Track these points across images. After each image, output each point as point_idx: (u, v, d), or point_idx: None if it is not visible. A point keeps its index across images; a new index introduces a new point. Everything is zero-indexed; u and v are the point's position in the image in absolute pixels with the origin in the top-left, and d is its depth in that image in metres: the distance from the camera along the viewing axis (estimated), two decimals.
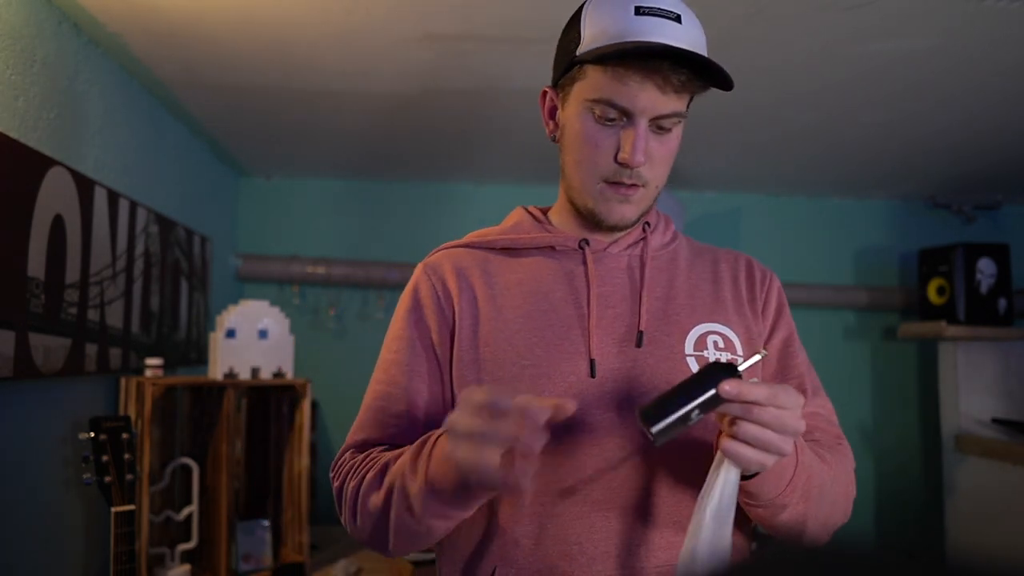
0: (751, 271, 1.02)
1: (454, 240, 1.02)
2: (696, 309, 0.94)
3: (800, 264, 3.27)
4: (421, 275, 0.97)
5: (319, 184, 3.13)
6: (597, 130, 0.87)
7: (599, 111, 0.86)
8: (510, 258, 0.96)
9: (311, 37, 1.76)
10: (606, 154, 0.87)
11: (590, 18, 0.88)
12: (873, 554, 0.29)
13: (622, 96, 0.85)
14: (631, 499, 0.85)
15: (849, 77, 1.94)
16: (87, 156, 1.74)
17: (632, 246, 0.97)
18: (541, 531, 0.85)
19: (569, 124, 0.90)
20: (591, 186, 0.90)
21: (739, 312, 0.97)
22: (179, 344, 2.37)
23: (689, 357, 0.90)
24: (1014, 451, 2.49)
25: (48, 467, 1.62)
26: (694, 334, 0.92)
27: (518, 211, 1.03)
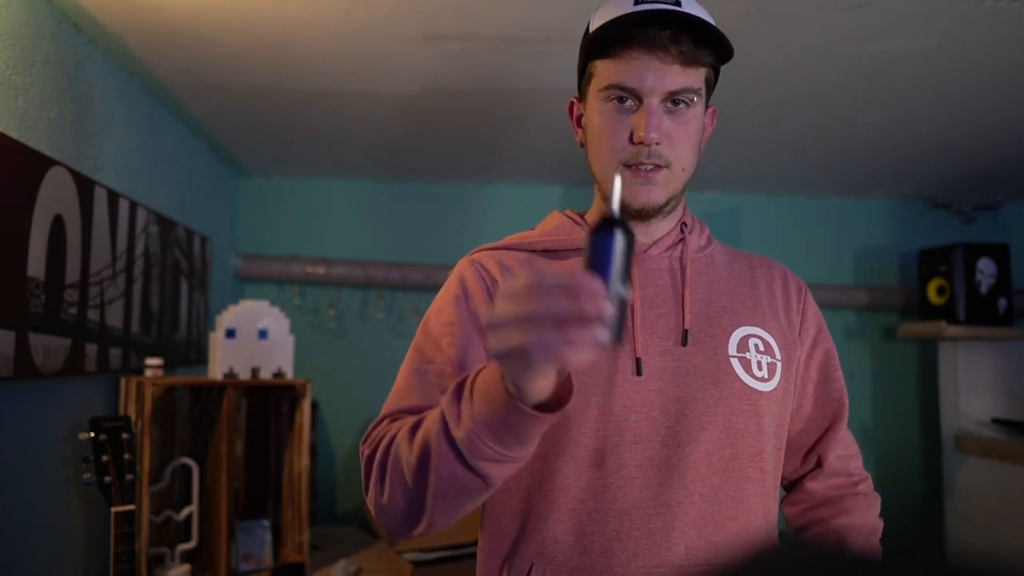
0: (786, 280, 1.05)
1: (490, 243, 1.02)
2: (737, 312, 0.95)
3: (800, 264, 3.24)
4: (467, 266, 0.96)
5: (319, 184, 3.13)
6: (611, 117, 0.89)
7: (611, 98, 0.88)
8: (551, 259, 0.97)
9: (311, 37, 1.76)
10: (622, 137, 0.88)
11: (595, 20, 0.91)
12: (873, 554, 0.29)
13: (627, 77, 0.86)
14: (672, 497, 0.85)
15: (849, 77, 1.94)
16: (87, 156, 1.74)
17: (672, 248, 0.97)
18: (580, 528, 0.85)
19: (589, 121, 0.93)
20: (612, 173, 0.89)
21: (775, 318, 0.99)
22: (179, 344, 2.37)
23: (733, 359, 0.91)
24: (1014, 451, 2.49)
25: (48, 467, 1.62)
26: (736, 335, 0.93)
27: (556, 215, 1.03)
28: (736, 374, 0.90)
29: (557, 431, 0.86)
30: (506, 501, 0.92)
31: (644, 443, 0.86)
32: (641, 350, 0.88)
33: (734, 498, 0.88)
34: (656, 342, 0.90)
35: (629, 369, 0.88)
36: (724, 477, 0.87)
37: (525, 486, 0.90)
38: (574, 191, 3.21)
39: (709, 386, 0.89)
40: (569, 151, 2.67)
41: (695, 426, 0.87)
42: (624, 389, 0.87)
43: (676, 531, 0.85)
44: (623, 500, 0.85)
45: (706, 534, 0.86)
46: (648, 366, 0.88)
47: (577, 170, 2.95)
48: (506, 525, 0.91)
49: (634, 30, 0.85)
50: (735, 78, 1.97)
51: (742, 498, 0.88)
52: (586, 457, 0.86)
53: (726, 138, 2.51)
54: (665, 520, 0.85)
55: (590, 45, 0.90)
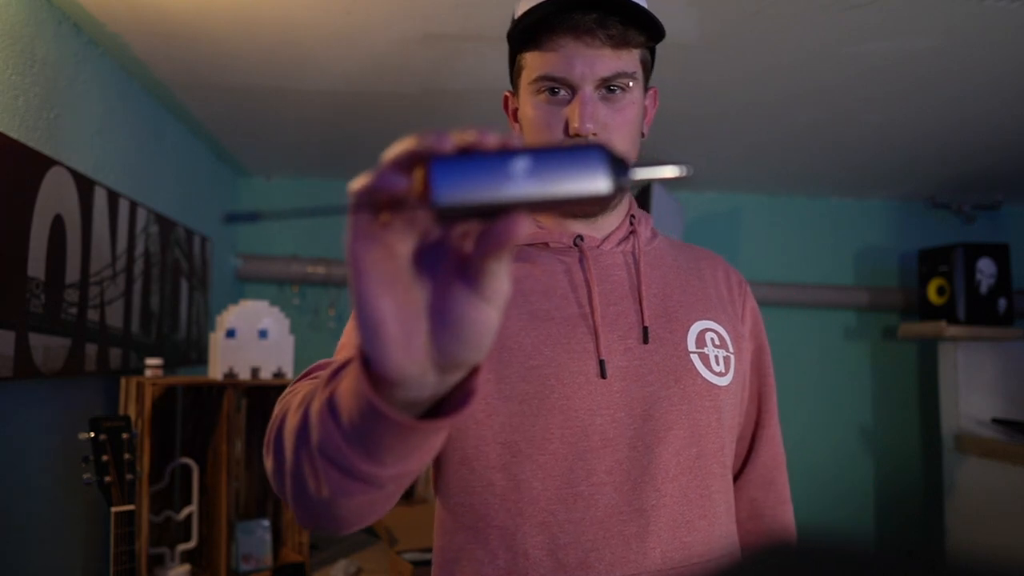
0: (728, 273, 1.02)
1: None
2: (692, 306, 0.93)
3: (800, 264, 3.27)
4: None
5: (319, 184, 3.13)
6: (546, 110, 0.85)
7: (542, 90, 0.85)
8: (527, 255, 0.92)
9: (311, 37, 1.76)
10: (557, 130, 0.84)
11: (519, 8, 0.87)
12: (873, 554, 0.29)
13: (556, 66, 0.83)
14: (646, 501, 0.83)
15: (849, 77, 1.94)
16: (87, 156, 1.74)
17: (623, 242, 0.94)
18: (553, 541, 0.81)
19: (523, 115, 0.89)
20: None
21: (724, 311, 0.97)
22: (179, 344, 2.37)
23: (692, 354, 0.89)
24: (1014, 451, 2.49)
25: (48, 467, 1.62)
26: (694, 330, 0.91)
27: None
28: (697, 370, 0.88)
29: (519, 439, 0.82)
30: (460, 517, 0.85)
31: (612, 447, 0.82)
32: (604, 351, 0.85)
33: (702, 496, 0.86)
34: (616, 340, 0.86)
35: (592, 371, 0.84)
36: (692, 476, 0.86)
37: (483, 499, 0.84)
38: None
39: (671, 384, 0.86)
40: None
41: (661, 426, 0.84)
42: (588, 391, 0.83)
43: (652, 535, 0.82)
44: (596, 508, 0.81)
45: (679, 535, 0.83)
46: (611, 367, 0.84)
47: None
48: (461, 542, 0.85)
49: (558, 16, 0.81)
50: (735, 78, 1.97)
51: (709, 495, 0.87)
52: (553, 465, 0.81)
53: (726, 138, 2.51)
54: (640, 525, 0.82)
55: (515, 35, 0.85)
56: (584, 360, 0.84)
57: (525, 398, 0.82)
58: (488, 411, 0.83)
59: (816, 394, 3.24)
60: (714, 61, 1.86)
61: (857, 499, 3.23)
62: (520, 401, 0.82)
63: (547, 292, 0.88)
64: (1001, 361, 2.80)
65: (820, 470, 3.20)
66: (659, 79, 1.99)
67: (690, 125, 2.38)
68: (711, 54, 1.83)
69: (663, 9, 1.60)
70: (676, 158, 2.76)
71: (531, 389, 0.82)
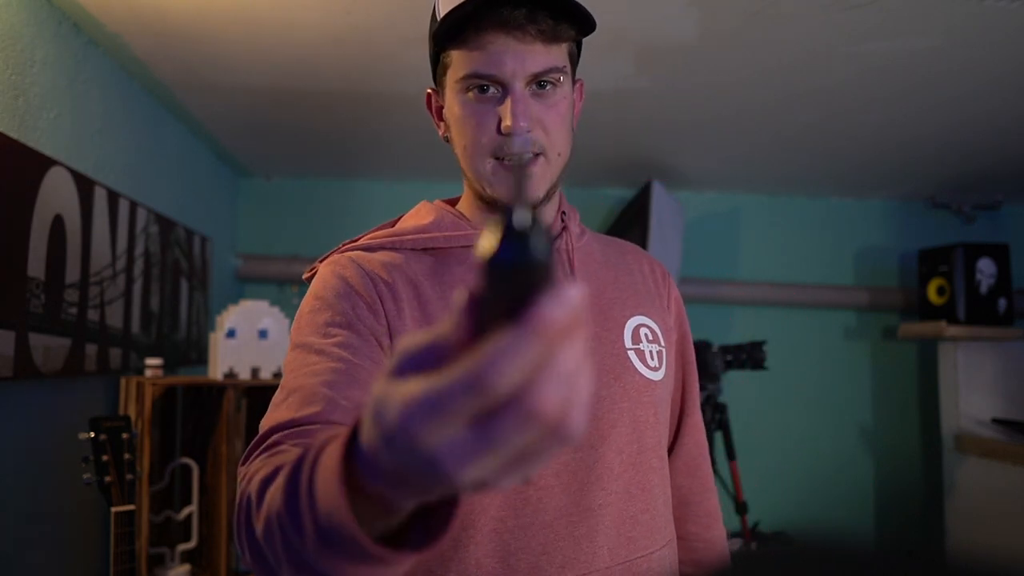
0: (652, 265, 1.03)
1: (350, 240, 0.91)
2: (626, 301, 0.93)
3: (800, 264, 3.27)
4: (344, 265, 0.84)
5: (319, 184, 3.13)
6: (476, 108, 0.82)
7: (471, 88, 0.82)
8: (433, 258, 0.88)
9: (311, 37, 1.76)
10: (488, 130, 0.82)
11: (441, 4, 0.83)
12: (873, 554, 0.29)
13: (486, 63, 0.80)
14: (593, 500, 0.83)
15: (849, 77, 1.94)
16: (87, 156, 1.74)
17: (555, 238, 0.92)
18: (504, 548, 0.79)
19: (450, 113, 0.86)
20: (483, 168, 0.84)
21: (653, 304, 0.97)
22: (179, 344, 2.36)
23: (630, 351, 0.89)
24: (1014, 451, 2.49)
25: (48, 467, 1.62)
26: (629, 326, 0.91)
27: (429, 206, 0.95)
28: (635, 367, 0.89)
29: None
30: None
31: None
32: None
33: (643, 490, 0.87)
34: None
35: None
36: (635, 472, 0.86)
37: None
38: (573, 191, 3.21)
39: (612, 382, 0.86)
40: None
41: (605, 425, 0.85)
42: None
43: (600, 534, 0.82)
44: (545, 512, 0.80)
45: (624, 531, 0.84)
46: None
47: (579, 170, 2.95)
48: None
49: (486, 11, 0.78)
50: (735, 78, 1.97)
51: (649, 489, 0.88)
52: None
53: (726, 138, 2.51)
54: (589, 525, 0.82)
55: (440, 33, 0.81)
56: None
57: None
58: None
59: (816, 394, 3.24)
60: (714, 61, 1.86)
61: (857, 499, 3.23)
62: None
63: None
64: (1001, 361, 2.80)
65: (820, 470, 3.20)
66: (659, 79, 1.99)
67: (690, 125, 2.38)
68: (711, 54, 1.83)
69: (663, 9, 1.60)
70: (676, 158, 2.76)
71: None
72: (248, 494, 0.57)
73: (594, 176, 3.05)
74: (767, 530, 2.81)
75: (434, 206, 0.94)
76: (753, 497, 2.79)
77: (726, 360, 2.49)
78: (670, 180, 3.01)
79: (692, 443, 1.03)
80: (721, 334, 3.10)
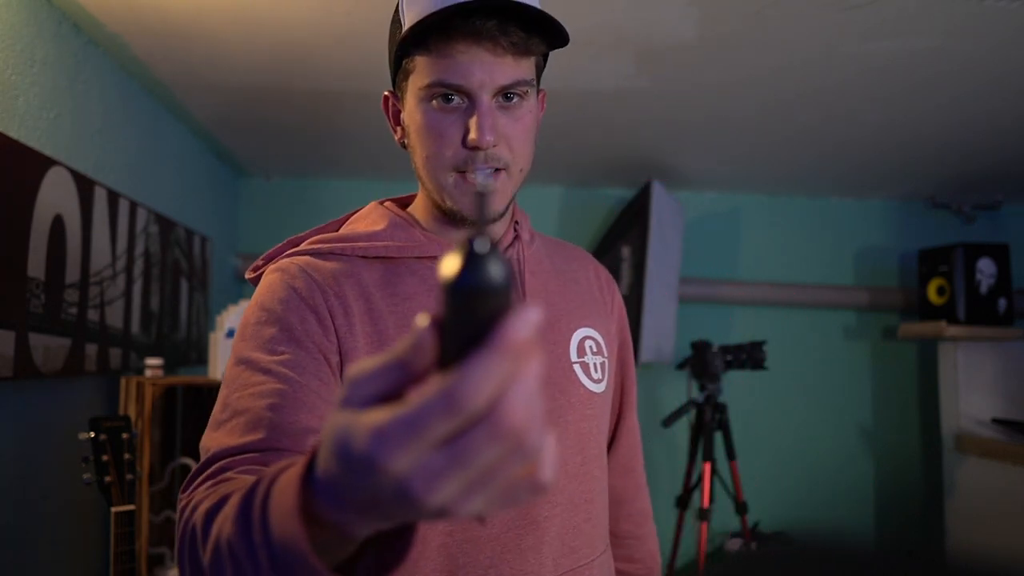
0: (598, 272, 1.03)
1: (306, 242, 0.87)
2: (572, 313, 0.93)
3: (800, 264, 3.27)
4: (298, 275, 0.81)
5: (319, 184, 3.13)
6: (439, 118, 0.80)
7: (435, 96, 0.79)
8: (383, 266, 0.85)
9: (311, 37, 1.76)
10: (452, 142, 0.80)
11: (407, 6, 0.80)
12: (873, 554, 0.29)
13: (453, 73, 0.77)
14: (539, 513, 0.84)
15: (849, 77, 1.94)
16: (87, 156, 1.74)
17: (508, 248, 0.91)
18: (453, 563, 0.79)
19: (410, 120, 0.84)
20: (445, 180, 0.82)
21: (598, 313, 0.97)
22: (179, 344, 2.37)
23: (575, 364, 0.90)
24: (1014, 451, 2.49)
25: (48, 467, 1.62)
26: (575, 339, 0.91)
27: (378, 209, 0.92)
28: (579, 381, 0.89)
29: None
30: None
31: None
32: None
33: (586, 500, 0.88)
34: None
35: None
36: (578, 483, 0.87)
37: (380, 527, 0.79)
38: (573, 191, 3.21)
39: (558, 395, 0.87)
40: (567, 151, 2.67)
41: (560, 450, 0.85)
42: None
43: (546, 545, 0.83)
44: (493, 525, 0.81)
45: (568, 541, 0.85)
46: None
47: (579, 170, 2.95)
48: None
49: (457, 20, 0.75)
50: (735, 78, 1.97)
51: (591, 499, 0.89)
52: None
53: (726, 138, 2.51)
54: (536, 537, 0.82)
55: (406, 38, 0.78)
56: None
57: None
58: None
59: (816, 394, 3.24)
60: (714, 61, 1.86)
61: (857, 499, 3.23)
62: None
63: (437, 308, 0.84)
64: (1001, 361, 2.80)
65: (820, 470, 3.20)
66: (659, 79, 1.99)
67: (690, 125, 2.38)
68: (711, 54, 1.83)
69: (663, 9, 1.60)
70: (676, 158, 2.77)
71: None
72: (192, 524, 0.56)
73: (594, 176, 3.05)
74: (767, 530, 2.82)
75: (385, 210, 0.92)
76: (753, 497, 2.80)
77: (726, 360, 2.49)
78: (670, 180, 3.01)
79: (627, 445, 1.05)
80: (721, 334, 3.10)
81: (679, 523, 2.61)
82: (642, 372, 3.16)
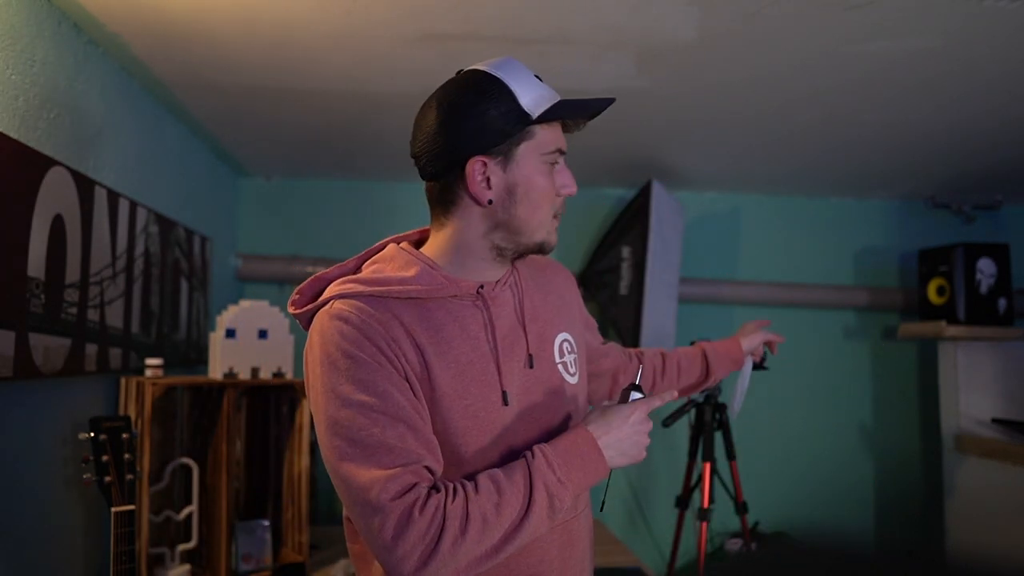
0: (564, 276, 1.22)
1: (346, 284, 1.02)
2: (552, 320, 1.11)
3: (800, 264, 3.27)
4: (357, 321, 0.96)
5: (319, 184, 3.13)
6: (549, 174, 1.04)
7: (551, 159, 1.03)
8: (415, 305, 1.00)
9: (311, 37, 1.76)
10: (555, 193, 1.05)
11: (519, 89, 1.00)
12: (873, 554, 0.29)
13: (563, 142, 1.04)
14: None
15: (849, 77, 1.94)
16: (87, 156, 1.74)
17: (508, 278, 1.08)
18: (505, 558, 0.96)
19: (527, 180, 1.02)
20: (548, 223, 1.05)
21: (569, 315, 1.17)
22: (179, 344, 2.37)
23: (559, 364, 1.09)
24: (1014, 451, 2.49)
25: (48, 467, 1.62)
26: (557, 343, 1.10)
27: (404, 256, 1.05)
28: (564, 378, 1.09)
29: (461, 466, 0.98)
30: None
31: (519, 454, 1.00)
32: (506, 383, 1.01)
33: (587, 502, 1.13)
34: (514, 367, 1.03)
35: (499, 400, 1.01)
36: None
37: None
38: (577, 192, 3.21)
39: (551, 393, 1.06)
40: (568, 151, 2.67)
41: (552, 430, 1.04)
42: (496, 418, 1.00)
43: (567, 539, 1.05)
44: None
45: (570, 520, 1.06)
46: (511, 394, 1.02)
47: (579, 170, 2.95)
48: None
49: (583, 110, 1.04)
50: (735, 78, 1.97)
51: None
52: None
53: (726, 138, 2.51)
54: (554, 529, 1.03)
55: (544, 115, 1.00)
56: (497, 391, 1.01)
57: (465, 431, 0.98)
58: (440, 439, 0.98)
59: (816, 394, 3.24)
60: (714, 61, 1.86)
61: (857, 499, 3.23)
62: (462, 434, 0.98)
63: (464, 337, 1.01)
64: (1001, 361, 2.80)
65: (820, 470, 3.20)
66: (659, 79, 1.99)
67: (690, 125, 2.38)
68: (711, 54, 1.83)
69: (663, 9, 1.60)
70: (676, 158, 2.77)
71: (463, 421, 0.98)
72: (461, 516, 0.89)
73: (594, 176, 3.05)
74: (767, 530, 2.81)
75: (408, 255, 1.05)
76: (753, 497, 2.79)
77: None
78: (670, 180, 3.01)
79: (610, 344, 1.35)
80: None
81: (679, 523, 2.61)
82: None
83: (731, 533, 2.96)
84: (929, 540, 3.14)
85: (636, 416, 1.00)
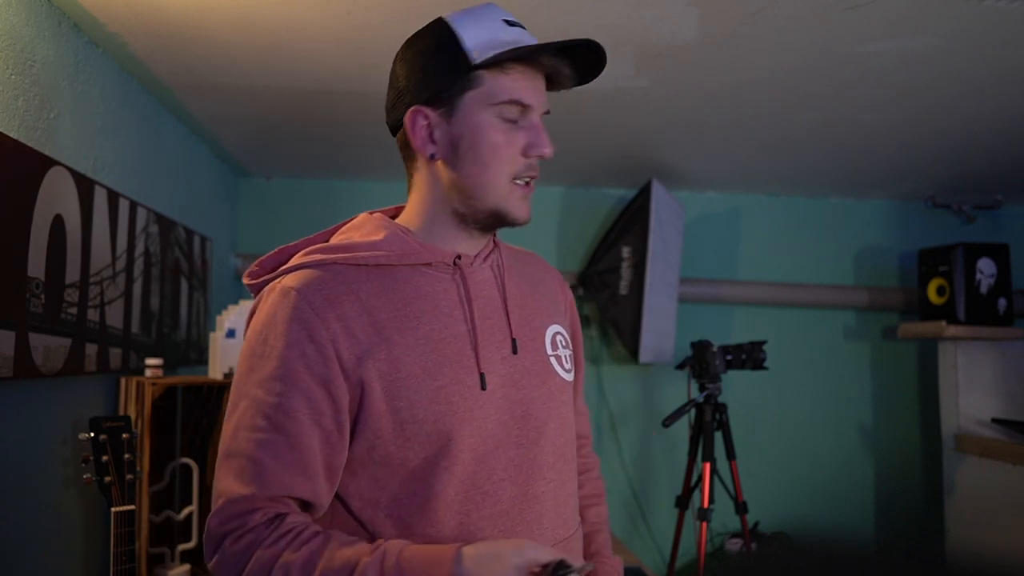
0: (552, 274, 1.14)
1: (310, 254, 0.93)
2: (543, 311, 1.04)
3: (800, 264, 3.27)
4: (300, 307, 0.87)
5: (319, 184, 3.13)
6: (506, 130, 0.91)
7: (506, 112, 0.90)
8: (381, 273, 0.92)
9: (311, 37, 1.76)
10: (515, 152, 0.92)
11: (466, 33, 0.90)
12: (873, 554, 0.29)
13: (526, 93, 0.91)
14: (538, 488, 0.95)
15: (849, 78, 1.94)
16: (87, 156, 1.74)
17: (489, 255, 1.00)
18: (471, 537, 0.89)
19: (472, 133, 0.91)
20: (503, 187, 0.92)
21: (559, 311, 1.09)
22: (179, 344, 2.37)
23: (551, 357, 1.01)
24: (1014, 451, 2.49)
25: (48, 467, 1.62)
26: (548, 335, 1.02)
27: (375, 221, 0.98)
28: (555, 371, 1.00)
29: (438, 452, 0.89)
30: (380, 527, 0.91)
31: (503, 447, 0.93)
32: (484, 365, 0.92)
33: (569, 477, 1.01)
34: (494, 351, 0.94)
35: (476, 384, 0.91)
36: (564, 462, 1.00)
37: (401, 513, 0.90)
38: (573, 191, 3.21)
39: (540, 385, 0.97)
40: (568, 151, 2.67)
41: (539, 423, 0.96)
42: (479, 402, 0.91)
43: (544, 518, 0.95)
44: (500, 502, 0.92)
45: (559, 513, 0.97)
46: (490, 379, 0.92)
47: (579, 170, 2.95)
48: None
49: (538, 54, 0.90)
50: (735, 78, 1.97)
51: (571, 473, 1.02)
52: (462, 472, 0.90)
53: (726, 139, 2.51)
54: (536, 511, 0.94)
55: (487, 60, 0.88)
56: (472, 374, 0.92)
57: (438, 417, 0.89)
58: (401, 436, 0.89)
59: (816, 394, 3.24)
60: (714, 61, 1.86)
61: (857, 499, 3.23)
62: (435, 420, 0.89)
63: (435, 312, 0.92)
64: (1001, 361, 2.80)
65: (820, 470, 3.20)
66: (659, 79, 1.99)
67: (690, 125, 2.38)
68: (711, 54, 1.83)
69: (663, 9, 1.60)
70: (676, 158, 2.77)
71: (432, 405, 0.89)
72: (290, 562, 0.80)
73: (594, 176, 3.05)
74: (767, 530, 2.82)
75: (380, 220, 0.98)
76: (753, 497, 2.79)
77: (726, 360, 2.49)
78: (670, 180, 3.01)
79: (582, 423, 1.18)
80: (721, 334, 3.10)
81: (679, 523, 2.61)
82: (642, 372, 3.16)
83: (731, 533, 2.96)
84: (929, 540, 3.14)
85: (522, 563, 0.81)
